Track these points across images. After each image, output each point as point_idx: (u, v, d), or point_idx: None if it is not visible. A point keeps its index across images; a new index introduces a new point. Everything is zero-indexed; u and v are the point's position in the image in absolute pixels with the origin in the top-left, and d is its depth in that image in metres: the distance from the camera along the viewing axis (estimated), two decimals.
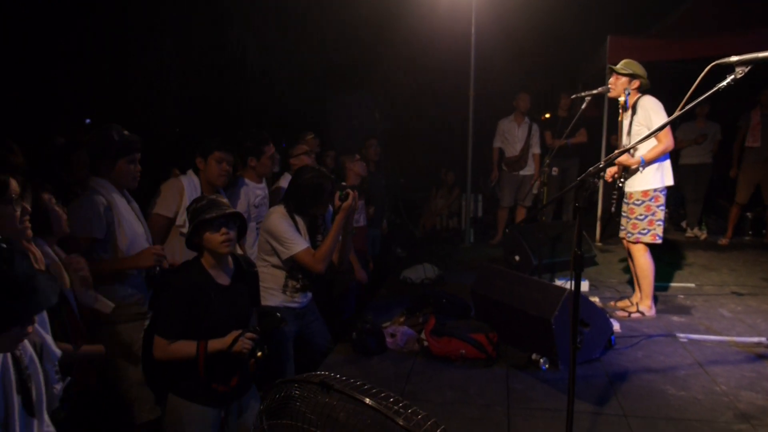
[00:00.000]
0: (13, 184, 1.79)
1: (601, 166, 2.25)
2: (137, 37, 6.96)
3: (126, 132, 2.91)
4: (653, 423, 2.93)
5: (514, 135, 7.26)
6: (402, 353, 3.87)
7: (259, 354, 2.39)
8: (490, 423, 2.98)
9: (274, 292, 3.31)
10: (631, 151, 4.35)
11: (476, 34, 7.04)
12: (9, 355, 1.45)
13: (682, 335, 4.11)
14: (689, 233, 7.65)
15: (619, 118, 4.58)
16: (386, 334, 3.97)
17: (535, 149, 7.32)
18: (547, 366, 3.57)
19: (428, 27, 7.31)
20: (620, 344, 3.93)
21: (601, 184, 7.41)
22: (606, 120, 7.14)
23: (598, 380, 3.43)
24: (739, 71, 1.92)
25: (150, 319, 2.66)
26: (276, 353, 3.28)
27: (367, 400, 1.26)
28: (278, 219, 3.21)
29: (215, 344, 2.34)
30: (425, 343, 3.84)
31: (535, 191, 7.36)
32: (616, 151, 2.22)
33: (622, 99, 4.38)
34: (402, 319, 4.21)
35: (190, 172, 3.49)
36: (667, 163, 4.37)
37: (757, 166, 6.78)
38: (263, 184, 3.99)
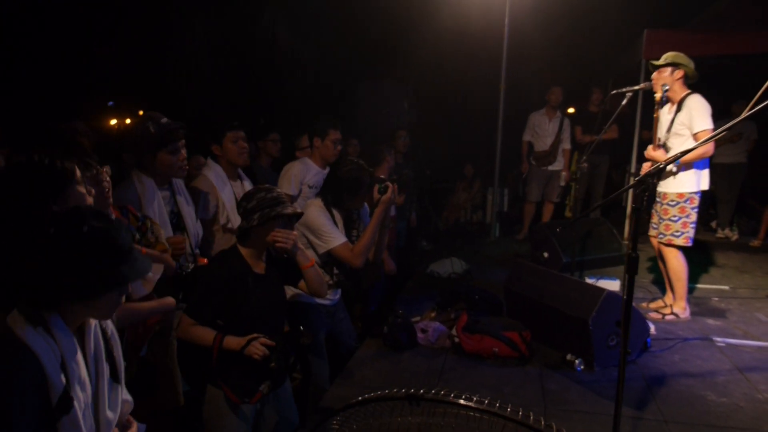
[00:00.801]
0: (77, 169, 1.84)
1: (661, 166, 2.17)
2: (167, 22, 6.95)
3: (165, 120, 2.85)
4: (694, 429, 2.87)
5: (545, 129, 7.15)
6: (433, 349, 3.83)
7: (272, 365, 2.28)
8: None
9: None
10: (668, 149, 4.26)
11: (509, 26, 6.91)
12: (98, 325, 1.53)
13: (718, 339, 4.02)
14: (720, 234, 7.50)
15: (655, 114, 4.45)
16: (417, 329, 3.94)
17: (566, 144, 7.21)
18: (582, 367, 3.52)
19: (462, 17, 7.20)
20: (656, 347, 3.86)
21: (632, 181, 7.30)
22: (639, 116, 7.00)
23: (635, 383, 3.36)
24: None
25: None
26: (310, 353, 3.27)
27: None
28: (316, 212, 3.17)
29: (231, 341, 2.29)
30: (456, 340, 3.80)
31: (563, 183, 7.26)
32: (678, 152, 2.13)
33: (658, 95, 4.25)
34: (433, 314, 4.18)
35: (209, 161, 3.46)
36: (705, 167, 4.26)
37: None
38: (326, 170, 3.96)
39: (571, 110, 8.46)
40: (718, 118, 6.24)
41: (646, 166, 4.47)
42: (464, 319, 3.84)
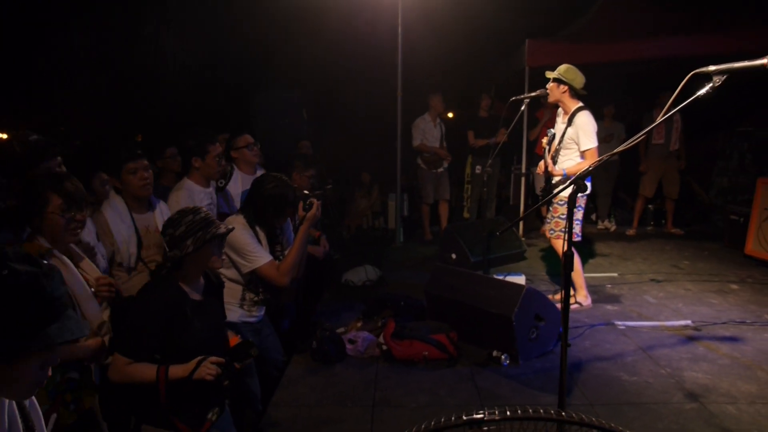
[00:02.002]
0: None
1: (590, 169, 2.32)
2: (45, 34, 6.29)
3: (34, 137, 2.52)
4: (618, 409, 3.10)
5: (432, 134, 7.43)
6: (363, 359, 3.81)
7: (226, 383, 2.17)
8: None
9: (231, 306, 3.09)
10: (558, 159, 4.62)
11: (402, 35, 7.07)
12: (14, 405, 1.26)
13: (619, 323, 4.39)
14: (600, 225, 8.21)
15: (537, 114, 4.79)
16: (345, 341, 3.89)
17: (444, 143, 7.58)
18: (508, 362, 3.67)
19: (355, 23, 7.25)
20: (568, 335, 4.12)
21: (522, 182, 7.79)
22: (526, 120, 7.47)
23: (556, 372, 3.53)
24: (717, 80, 2.04)
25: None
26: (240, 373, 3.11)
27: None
28: (239, 230, 3.01)
29: (176, 371, 2.13)
30: (385, 347, 3.80)
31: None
32: (617, 150, 2.30)
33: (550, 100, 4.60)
34: (359, 324, 4.15)
35: (112, 193, 3.08)
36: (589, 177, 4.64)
37: (661, 161, 7.42)
38: (210, 189, 3.72)
39: (450, 115, 8.85)
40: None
41: (541, 165, 4.84)
42: (392, 326, 3.86)
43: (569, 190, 4.38)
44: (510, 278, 5.36)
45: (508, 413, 1.22)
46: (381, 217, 9.02)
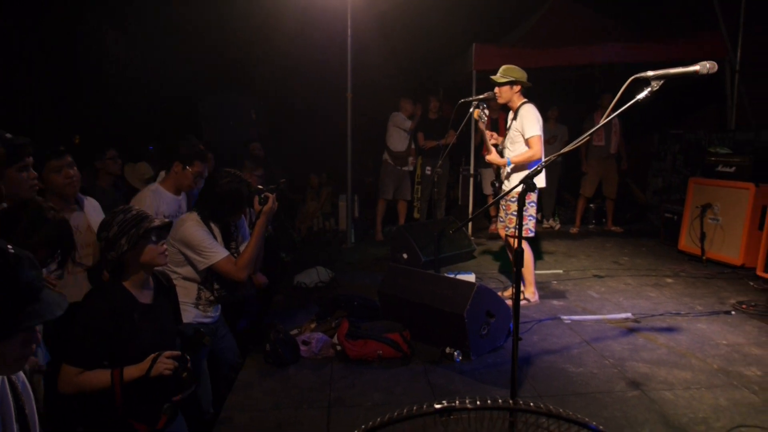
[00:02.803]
0: None
1: (539, 169, 2.42)
2: None
3: (9, 135, 2.49)
4: (564, 400, 3.22)
5: (404, 132, 7.55)
6: (317, 360, 3.80)
7: (184, 375, 2.19)
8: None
9: (186, 306, 3.05)
10: (505, 152, 4.78)
11: (352, 35, 7.10)
12: (6, 381, 1.30)
13: (565, 317, 4.56)
14: (546, 224, 8.48)
15: (495, 117, 4.91)
16: (299, 342, 3.87)
17: (412, 145, 7.79)
18: (460, 358, 3.75)
19: (305, 25, 7.22)
20: None
21: (471, 182, 7.95)
22: (473, 122, 7.62)
23: (507, 366, 3.64)
24: (655, 84, 2.17)
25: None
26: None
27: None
28: (193, 227, 2.98)
29: (131, 371, 2.11)
30: (339, 348, 3.82)
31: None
32: (563, 151, 2.39)
33: (501, 101, 4.73)
34: (313, 325, 4.14)
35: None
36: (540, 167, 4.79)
37: (601, 162, 7.75)
38: (180, 197, 3.67)
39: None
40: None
41: (489, 158, 4.98)
42: (345, 326, 3.87)
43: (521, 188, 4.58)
44: (461, 277, 5.48)
45: (478, 402, 1.26)
46: (332, 218, 9.01)
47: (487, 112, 4.62)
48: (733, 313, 4.58)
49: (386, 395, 3.34)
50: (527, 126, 4.59)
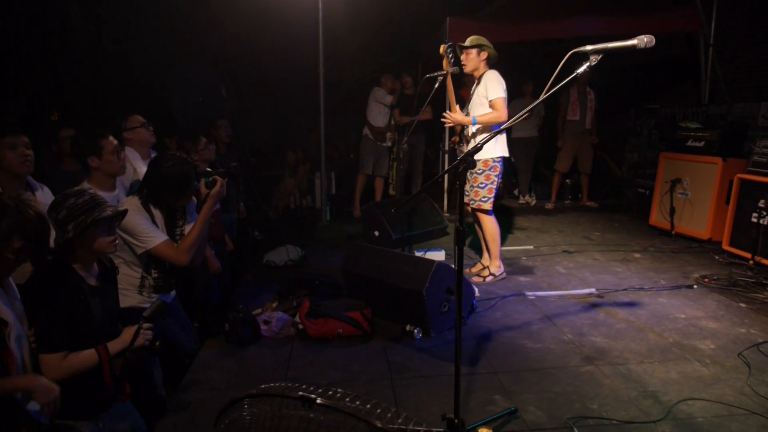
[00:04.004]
0: None
1: (479, 146, 2.39)
2: None
3: None
4: (519, 375, 3.24)
5: (385, 107, 7.49)
6: (278, 339, 3.80)
7: (158, 344, 2.36)
8: (377, 397, 3.00)
9: (128, 293, 2.98)
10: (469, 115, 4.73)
11: (324, 8, 6.96)
12: None
13: (530, 293, 4.58)
14: (521, 200, 8.50)
15: (462, 92, 4.90)
16: (260, 322, 3.87)
17: (392, 121, 7.76)
18: (420, 335, 3.77)
19: (275, 1, 7.05)
20: (480, 307, 4.28)
21: (446, 157, 7.91)
22: (448, 98, 7.55)
23: (467, 343, 3.70)
24: (593, 59, 2.14)
25: None
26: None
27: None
28: (130, 212, 2.89)
29: (115, 345, 2.21)
30: (300, 327, 3.82)
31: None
32: (506, 125, 2.37)
33: (467, 69, 4.67)
34: (274, 305, 4.13)
35: None
36: (503, 136, 4.76)
37: (576, 137, 7.73)
38: (117, 191, 3.35)
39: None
40: (513, 97, 7.01)
41: (455, 140, 4.94)
42: (306, 305, 3.87)
43: (484, 153, 4.55)
44: (430, 254, 5.51)
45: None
46: (309, 195, 8.96)
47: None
48: (695, 287, 4.63)
49: (343, 373, 3.35)
50: (491, 88, 4.55)
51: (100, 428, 2.26)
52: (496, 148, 4.66)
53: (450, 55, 4.62)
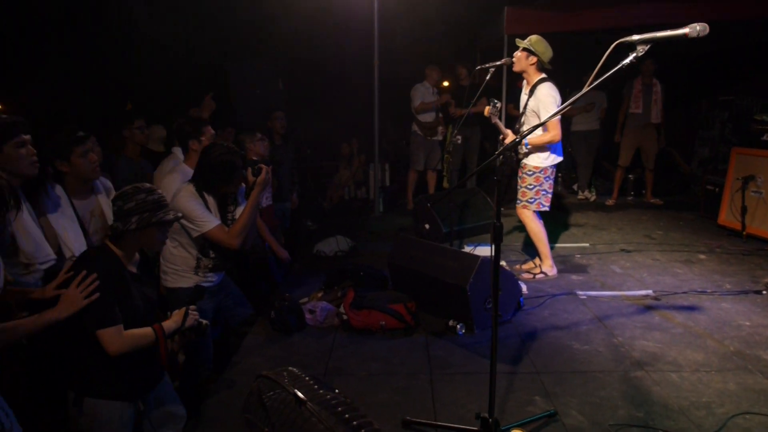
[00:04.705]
0: None
1: (517, 140, 2.31)
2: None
3: (5, 116, 2.59)
4: (562, 377, 3.15)
5: (430, 101, 7.43)
6: (322, 329, 3.86)
7: (205, 324, 2.45)
8: (415, 391, 3.06)
9: (185, 274, 3.19)
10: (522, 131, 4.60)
11: (379, 1, 6.95)
12: None
13: (581, 293, 4.43)
14: (580, 195, 8.20)
15: (518, 84, 4.77)
16: (305, 311, 3.93)
17: (440, 114, 7.66)
18: (463, 331, 3.72)
19: None
20: (528, 305, 4.17)
21: None
22: (505, 90, 7.39)
23: (511, 341, 3.62)
24: (641, 49, 2.03)
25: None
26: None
27: None
28: (186, 197, 3.06)
29: (169, 325, 2.33)
30: (345, 317, 3.85)
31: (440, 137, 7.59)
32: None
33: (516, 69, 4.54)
34: (320, 295, 4.19)
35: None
36: (558, 145, 4.60)
37: (638, 131, 7.37)
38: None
39: (446, 83, 8.76)
40: (574, 88, 6.76)
41: (506, 143, 4.81)
42: (351, 295, 3.90)
43: (537, 159, 4.42)
44: (479, 249, 5.41)
45: None
46: (363, 187, 9.01)
47: (498, 105, 4.44)
48: (764, 292, 4.33)
49: (383, 365, 3.36)
50: (543, 111, 4.36)
51: (140, 411, 2.36)
52: (550, 158, 4.51)
53: (495, 113, 4.45)
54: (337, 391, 2.09)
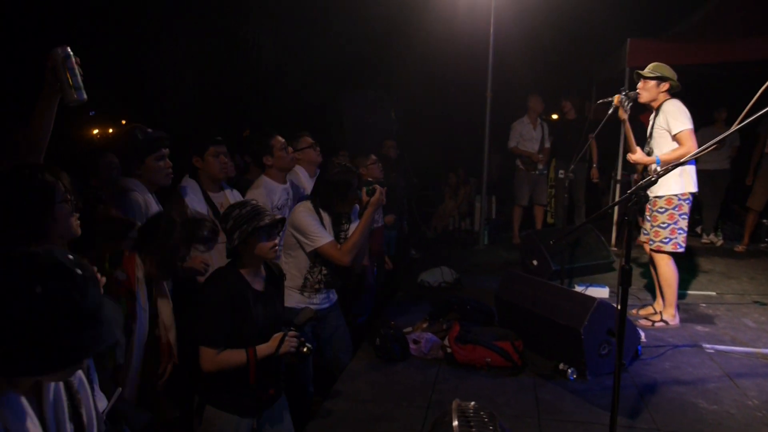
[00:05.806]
0: (64, 182, 1.76)
1: (653, 179, 2.19)
2: (149, 34, 6.90)
3: (150, 130, 2.89)
4: None
5: (530, 135, 7.31)
6: (426, 360, 3.82)
7: (305, 349, 2.41)
8: None
9: (291, 292, 3.22)
10: (650, 153, 4.36)
11: (494, 33, 6.96)
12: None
13: (708, 346, 4.05)
14: (705, 239, 7.58)
15: (641, 117, 4.55)
16: (409, 340, 3.92)
17: (546, 144, 7.46)
18: (575, 376, 3.52)
19: (446, 24, 7.25)
20: (646, 354, 3.88)
21: (618, 188, 7.37)
22: (627, 138, 7.05)
23: (627, 391, 3.38)
24: None
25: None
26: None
27: None
28: (304, 213, 3.20)
29: (263, 349, 2.34)
30: (449, 350, 3.79)
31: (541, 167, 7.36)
32: (662, 168, 2.15)
33: (642, 100, 4.31)
34: (425, 325, 4.16)
35: (185, 178, 3.35)
36: (691, 168, 4.29)
37: None
38: (287, 184, 3.82)
39: (555, 116, 8.57)
40: (702, 125, 6.34)
41: (636, 178, 4.56)
42: (456, 329, 3.83)
43: (668, 190, 4.14)
44: (592, 290, 5.17)
45: None
46: (468, 218, 8.94)
47: (632, 95, 4.23)
48: None
49: (487, 403, 3.16)
50: (672, 121, 4.12)
51: (253, 429, 2.44)
52: (681, 184, 4.22)
53: (626, 104, 4.28)
54: None
